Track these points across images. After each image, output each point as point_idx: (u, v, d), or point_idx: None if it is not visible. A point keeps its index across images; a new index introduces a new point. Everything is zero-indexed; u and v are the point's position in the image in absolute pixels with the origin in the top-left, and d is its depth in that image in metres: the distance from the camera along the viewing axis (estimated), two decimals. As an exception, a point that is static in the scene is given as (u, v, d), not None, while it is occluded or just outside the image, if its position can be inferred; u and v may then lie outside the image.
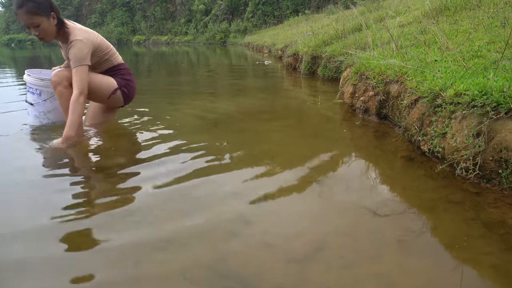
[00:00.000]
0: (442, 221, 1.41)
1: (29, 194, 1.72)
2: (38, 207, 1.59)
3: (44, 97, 2.66)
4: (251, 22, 24.69)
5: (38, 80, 2.60)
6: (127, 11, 35.16)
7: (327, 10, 14.44)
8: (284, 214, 1.52)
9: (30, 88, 2.64)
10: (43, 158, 2.15)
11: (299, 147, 2.33)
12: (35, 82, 2.61)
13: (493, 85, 1.65)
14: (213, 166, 2.00)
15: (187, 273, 1.15)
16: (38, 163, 2.07)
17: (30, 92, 2.65)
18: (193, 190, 1.72)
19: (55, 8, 2.28)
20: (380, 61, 2.85)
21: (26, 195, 1.71)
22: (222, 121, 2.99)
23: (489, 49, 2.39)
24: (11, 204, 1.63)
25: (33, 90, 2.63)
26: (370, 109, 2.87)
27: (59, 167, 2.01)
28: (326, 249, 1.27)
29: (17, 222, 1.47)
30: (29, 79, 2.61)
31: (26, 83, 2.66)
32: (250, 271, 1.16)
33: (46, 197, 1.68)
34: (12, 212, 1.56)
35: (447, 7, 4.35)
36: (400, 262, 1.19)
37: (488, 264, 1.16)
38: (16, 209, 1.59)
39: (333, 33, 5.84)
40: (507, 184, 1.52)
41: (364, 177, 1.84)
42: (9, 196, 1.70)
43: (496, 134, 1.55)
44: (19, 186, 1.80)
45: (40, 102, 2.66)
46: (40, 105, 2.67)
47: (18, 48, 28.11)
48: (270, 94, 4.38)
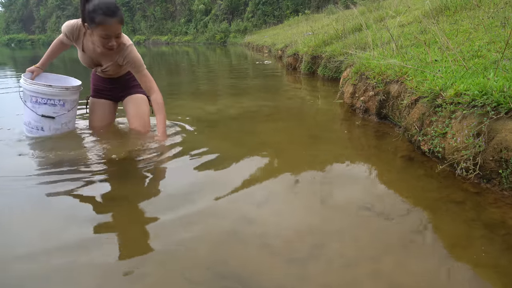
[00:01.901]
0: (442, 221, 1.41)
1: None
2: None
3: (69, 106, 2.39)
4: (251, 22, 24.70)
5: (63, 90, 2.31)
6: (127, 11, 35.18)
7: (327, 10, 14.44)
8: (284, 214, 1.52)
9: (49, 99, 2.29)
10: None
11: (299, 147, 2.32)
12: (59, 93, 2.29)
13: (493, 85, 1.65)
14: (212, 166, 2.00)
15: (186, 273, 1.15)
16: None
17: (50, 104, 2.30)
18: (192, 190, 1.72)
19: None
20: (380, 61, 2.85)
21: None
22: (222, 121, 2.98)
23: (489, 49, 2.39)
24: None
25: (55, 102, 2.30)
26: (370, 109, 2.87)
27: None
28: (326, 249, 1.26)
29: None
30: (50, 90, 2.26)
31: (39, 95, 2.26)
32: (249, 271, 1.16)
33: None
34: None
35: (447, 7, 4.35)
36: (400, 262, 1.19)
37: (488, 264, 1.16)
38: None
39: (333, 33, 5.84)
40: (507, 184, 1.52)
41: (364, 177, 1.84)
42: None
43: (496, 134, 1.55)
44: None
45: (65, 113, 2.38)
46: (63, 116, 2.38)
47: (18, 48, 28.13)
48: (270, 94, 4.38)
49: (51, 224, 1.46)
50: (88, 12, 1.93)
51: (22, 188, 1.75)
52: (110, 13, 1.93)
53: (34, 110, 2.29)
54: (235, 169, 1.95)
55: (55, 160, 2.07)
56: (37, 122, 2.33)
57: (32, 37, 37.74)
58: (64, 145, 2.30)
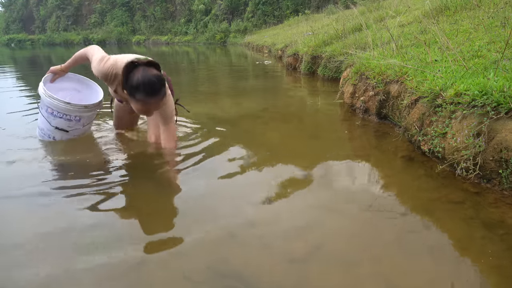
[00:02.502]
0: (442, 221, 1.41)
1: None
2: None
3: (84, 121, 2.33)
4: (251, 22, 24.68)
5: (81, 108, 2.23)
6: (127, 11, 35.15)
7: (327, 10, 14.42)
8: (284, 214, 1.52)
9: (66, 114, 2.21)
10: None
11: (299, 147, 2.32)
12: (76, 110, 2.22)
13: (493, 85, 1.65)
14: (212, 166, 2.00)
15: (187, 273, 1.15)
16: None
17: (65, 119, 2.23)
18: (192, 191, 1.72)
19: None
20: (380, 61, 2.85)
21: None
22: (222, 121, 2.98)
23: (489, 49, 2.39)
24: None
25: (71, 117, 2.23)
26: (370, 109, 2.87)
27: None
28: (325, 249, 1.27)
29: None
30: (68, 107, 2.17)
31: (55, 109, 2.19)
32: (250, 271, 1.16)
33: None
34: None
35: (447, 7, 4.35)
36: (400, 262, 1.19)
37: (488, 264, 1.16)
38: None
39: (333, 33, 5.84)
40: (507, 184, 1.52)
41: (364, 177, 1.84)
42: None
43: (496, 134, 1.55)
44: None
45: (79, 128, 2.33)
46: (77, 130, 2.33)
47: (18, 48, 28.11)
48: (270, 94, 4.38)
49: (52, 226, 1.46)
50: (130, 86, 1.72)
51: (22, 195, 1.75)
52: (153, 93, 1.72)
53: (49, 121, 2.23)
54: (234, 169, 1.95)
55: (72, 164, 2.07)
56: (50, 131, 2.29)
57: (32, 37, 37.68)
58: (81, 148, 2.30)
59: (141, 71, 1.70)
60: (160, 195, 1.70)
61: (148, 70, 1.72)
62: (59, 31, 38.01)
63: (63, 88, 2.43)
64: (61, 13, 38.17)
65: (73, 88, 2.49)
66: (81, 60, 2.21)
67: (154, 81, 1.71)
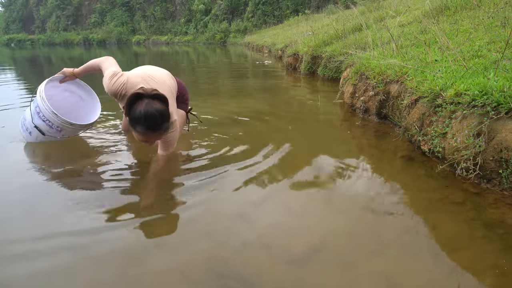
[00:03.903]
0: (442, 221, 1.41)
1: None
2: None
3: (65, 134, 2.30)
4: (251, 22, 24.69)
5: (65, 124, 2.20)
6: (127, 11, 35.15)
7: (327, 10, 14.43)
8: (284, 214, 1.52)
9: (48, 121, 2.18)
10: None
11: (299, 147, 2.32)
12: (60, 124, 2.19)
13: (494, 85, 1.65)
14: (212, 167, 2.00)
15: (186, 272, 1.15)
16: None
17: (47, 124, 2.20)
18: (193, 192, 1.72)
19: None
20: (380, 61, 2.85)
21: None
22: (222, 121, 2.98)
23: (489, 49, 2.39)
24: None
25: (52, 126, 2.20)
26: (370, 109, 2.87)
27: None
28: (325, 248, 1.26)
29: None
30: (53, 118, 2.15)
31: (41, 111, 2.16)
32: (249, 271, 1.16)
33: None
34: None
35: (448, 7, 4.35)
36: (400, 262, 1.19)
37: (488, 263, 1.16)
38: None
39: (333, 33, 5.84)
40: (507, 184, 1.52)
41: (364, 177, 1.84)
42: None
43: (497, 134, 1.55)
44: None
45: (56, 137, 2.30)
46: (53, 138, 2.29)
47: (18, 48, 28.10)
48: (270, 94, 4.38)
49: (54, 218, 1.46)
50: (132, 117, 1.67)
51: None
52: (153, 128, 1.68)
53: (33, 117, 2.22)
54: (234, 169, 1.95)
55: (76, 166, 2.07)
56: (29, 125, 2.26)
57: (32, 37, 37.67)
58: (89, 151, 2.30)
59: (144, 104, 1.65)
60: (160, 194, 1.69)
61: (152, 103, 1.66)
62: (59, 31, 38.00)
63: (69, 90, 2.42)
64: (61, 13, 38.16)
65: (78, 95, 2.46)
66: (93, 70, 2.17)
67: (156, 116, 1.65)
